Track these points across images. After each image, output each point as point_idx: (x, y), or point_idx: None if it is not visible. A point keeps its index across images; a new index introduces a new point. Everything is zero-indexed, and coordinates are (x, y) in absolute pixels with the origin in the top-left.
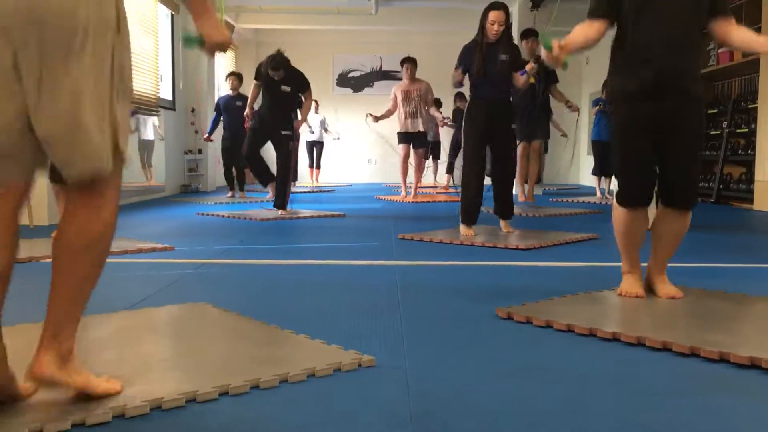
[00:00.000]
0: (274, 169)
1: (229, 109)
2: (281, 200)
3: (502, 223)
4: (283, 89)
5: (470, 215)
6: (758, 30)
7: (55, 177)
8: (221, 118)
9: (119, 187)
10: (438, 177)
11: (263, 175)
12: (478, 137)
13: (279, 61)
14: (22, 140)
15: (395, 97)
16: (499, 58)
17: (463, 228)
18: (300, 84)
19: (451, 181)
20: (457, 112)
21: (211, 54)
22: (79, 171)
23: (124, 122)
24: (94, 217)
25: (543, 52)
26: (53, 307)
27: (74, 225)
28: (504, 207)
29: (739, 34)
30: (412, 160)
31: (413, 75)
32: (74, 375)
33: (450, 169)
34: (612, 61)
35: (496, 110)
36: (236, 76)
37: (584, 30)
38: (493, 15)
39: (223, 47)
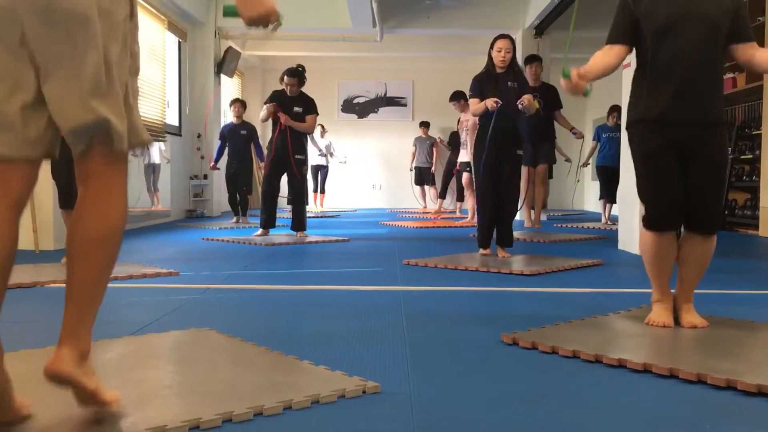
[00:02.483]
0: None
1: (233, 137)
2: (300, 223)
3: (498, 248)
4: (295, 110)
5: (486, 240)
6: None
7: (65, 203)
8: (226, 146)
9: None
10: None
11: (269, 217)
12: (489, 163)
13: (295, 69)
14: (32, 115)
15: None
16: (507, 86)
17: (481, 250)
18: (310, 107)
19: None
20: (452, 136)
21: (251, 26)
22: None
23: (137, 101)
24: (111, 205)
25: (562, 82)
26: (71, 303)
27: (92, 215)
28: (503, 234)
29: (762, 55)
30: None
31: (463, 107)
32: (90, 376)
33: (443, 194)
34: (633, 89)
35: (504, 136)
36: (240, 103)
37: (603, 56)
38: (500, 43)
39: (263, 21)
